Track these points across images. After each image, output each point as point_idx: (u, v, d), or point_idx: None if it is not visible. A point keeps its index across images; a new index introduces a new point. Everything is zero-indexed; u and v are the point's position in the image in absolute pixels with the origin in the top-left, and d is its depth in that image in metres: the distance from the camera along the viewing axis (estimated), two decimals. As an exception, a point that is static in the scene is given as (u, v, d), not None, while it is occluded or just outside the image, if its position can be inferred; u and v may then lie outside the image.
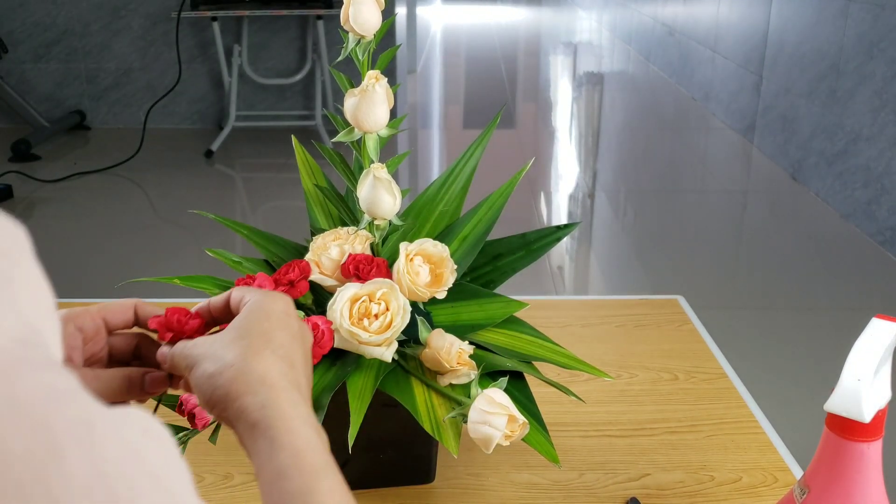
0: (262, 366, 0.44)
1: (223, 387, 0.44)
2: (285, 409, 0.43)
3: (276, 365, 0.45)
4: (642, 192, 3.93)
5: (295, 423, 0.42)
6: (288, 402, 0.43)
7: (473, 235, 0.79)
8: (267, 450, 0.41)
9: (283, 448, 0.41)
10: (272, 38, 4.50)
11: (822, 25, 3.66)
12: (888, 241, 3.06)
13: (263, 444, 0.42)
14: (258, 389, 0.43)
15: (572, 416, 0.89)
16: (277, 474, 0.41)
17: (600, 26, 9.20)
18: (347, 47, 0.72)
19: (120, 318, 0.52)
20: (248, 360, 0.44)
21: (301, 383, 0.46)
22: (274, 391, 0.43)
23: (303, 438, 0.42)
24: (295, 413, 0.43)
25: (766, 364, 2.28)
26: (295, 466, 0.40)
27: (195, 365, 0.46)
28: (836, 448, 0.53)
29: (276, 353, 0.46)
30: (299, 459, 0.41)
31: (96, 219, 3.35)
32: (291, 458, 0.41)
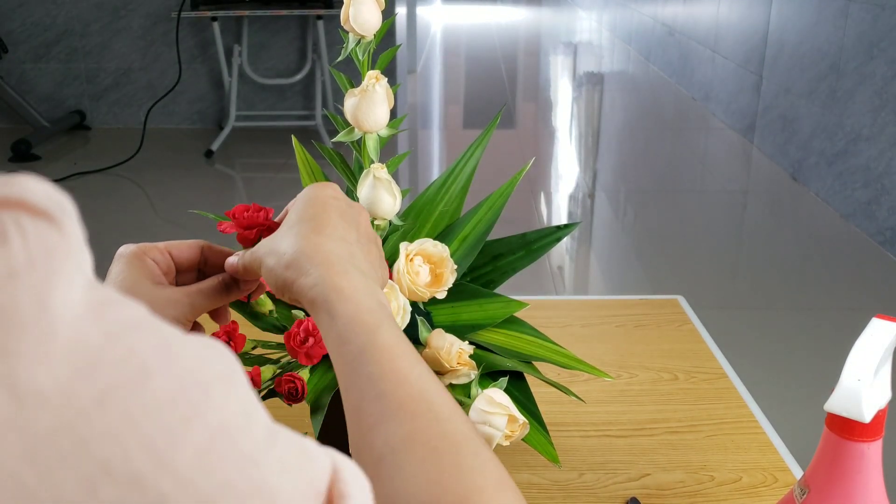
0: (311, 247, 0.48)
1: (282, 275, 0.48)
2: (336, 281, 0.45)
3: (326, 244, 0.48)
4: (642, 192, 3.93)
5: (346, 292, 0.45)
6: (339, 275, 0.46)
7: (473, 235, 0.79)
8: (327, 322, 0.45)
9: (339, 317, 0.44)
10: (272, 38, 4.50)
11: (822, 25, 3.66)
12: (888, 241, 3.06)
13: (324, 318, 0.45)
14: (310, 270, 0.47)
15: (572, 416, 0.89)
16: (339, 341, 0.44)
17: (600, 26, 9.20)
18: (347, 47, 0.72)
19: (188, 255, 0.56)
20: (298, 245, 0.48)
21: (355, 254, 0.49)
22: (324, 267, 0.46)
23: (354, 304, 0.44)
24: (347, 284, 0.46)
25: (766, 364, 2.28)
26: (351, 331, 0.43)
27: (261, 264, 0.50)
28: (836, 448, 0.53)
29: (324, 233, 0.49)
30: (354, 324, 0.44)
31: (96, 219, 3.35)
32: (347, 324, 0.44)
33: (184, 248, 0.56)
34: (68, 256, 0.24)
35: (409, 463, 0.39)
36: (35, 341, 0.22)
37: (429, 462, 0.39)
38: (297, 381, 0.66)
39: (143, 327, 0.25)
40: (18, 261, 0.22)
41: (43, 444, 0.21)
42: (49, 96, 4.59)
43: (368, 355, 0.42)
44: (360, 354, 0.43)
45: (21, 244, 0.22)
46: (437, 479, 0.38)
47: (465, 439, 0.40)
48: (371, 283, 0.47)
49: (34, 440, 0.21)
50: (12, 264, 0.22)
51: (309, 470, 0.28)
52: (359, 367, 0.42)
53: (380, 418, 0.41)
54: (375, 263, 0.51)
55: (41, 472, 0.21)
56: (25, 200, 0.23)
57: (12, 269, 0.22)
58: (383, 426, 0.40)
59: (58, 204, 0.24)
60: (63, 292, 0.23)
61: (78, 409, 0.22)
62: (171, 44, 4.43)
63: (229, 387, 0.26)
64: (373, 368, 0.42)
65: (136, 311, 0.25)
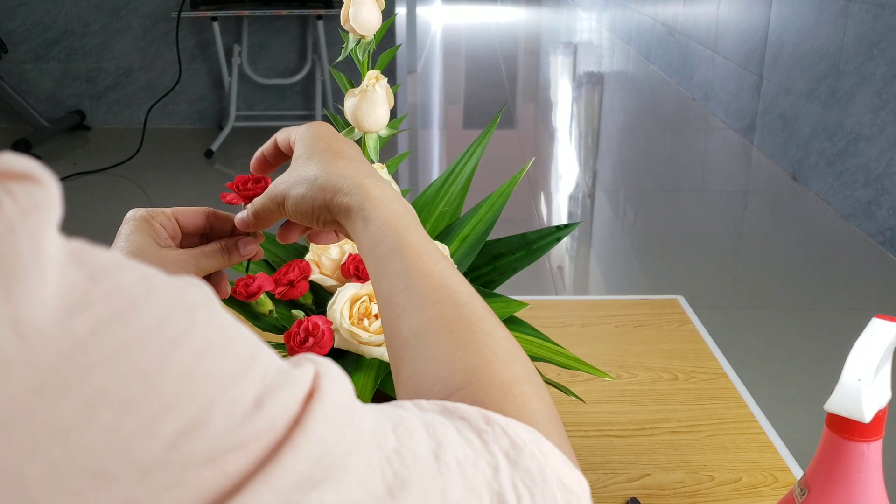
0: (339, 168, 0.51)
1: (318, 197, 0.51)
2: (369, 191, 0.50)
3: (350, 165, 0.52)
4: (642, 192, 3.93)
5: (378, 200, 0.49)
6: (370, 186, 0.50)
7: (473, 235, 0.79)
8: (361, 227, 0.49)
9: (372, 221, 0.48)
10: (272, 38, 4.50)
11: (822, 25, 3.66)
12: (888, 241, 3.06)
13: (359, 223, 0.49)
14: (343, 185, 0.50)
15: (572, 416, 0.89)
16: (372, 243, 0.48)
17: (600, 26, 9.20)
18: (347, 47, 0.72)
19: (193, 221, 0.59)
20: (326, 167, 0.52)
21: (373, 170, 0.53)
22: (356, 180, 0.50)
23: (386, 210, 0.48)
24: (379, 192, 0.50)
25: (766, 364, 2.28)
26: (382, 233, 0.47)
27: (286, 197, 0.54)
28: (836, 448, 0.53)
29: (344, 158, 0.52)
30: (385, 227, 0.48)
31: (96, 219, 3.35)
32: (379, 227, 0.48)
33: (190, 213, 0.59)
34: (52, 209, 0.26)
35: (429, 345, 0.42)
36: (34, 284, 0.24)
37: (446, 342, 0.42)
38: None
39: (123, 266, 0.27)
40: (13, 216, 0.24)
41: (49, 376, 0.23)
42: (49, 96, 4.59)
43: (397, 253, 0.46)
44: (390, 253, 0.46)
45: (12, 203, 0.24)
46: (451, 357, 0.41)
47: (479, 320, 0.43)
48: (389, 191, 0.51)
49: (41, 373, 0.23)
50: (8, 219, 0.24)
51: (290, 381, 0.29)
52: (389, 265, 0.46)
53: (407, 307, 0.45)
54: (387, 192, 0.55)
55: (48, 402, 0.23)
56: (8, 169, 0.25)
57: (9, 224, 0.24)
58: (409, 314, 0.44)
59: (34, 166, 0.26)
60: (51, 240, 0.25)
61: (75, 341, 0.24)
62: (171, 44, 4.43)
63: (211, 311, 0.28)
64: (401, 265, 0.46)
65: (112, 254, 0.27)
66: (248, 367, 0.28)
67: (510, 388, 0.40)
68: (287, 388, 0.29)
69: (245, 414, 0.27)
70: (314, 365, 0.31)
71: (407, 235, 0.47)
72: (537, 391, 0.41)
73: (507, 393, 0.40)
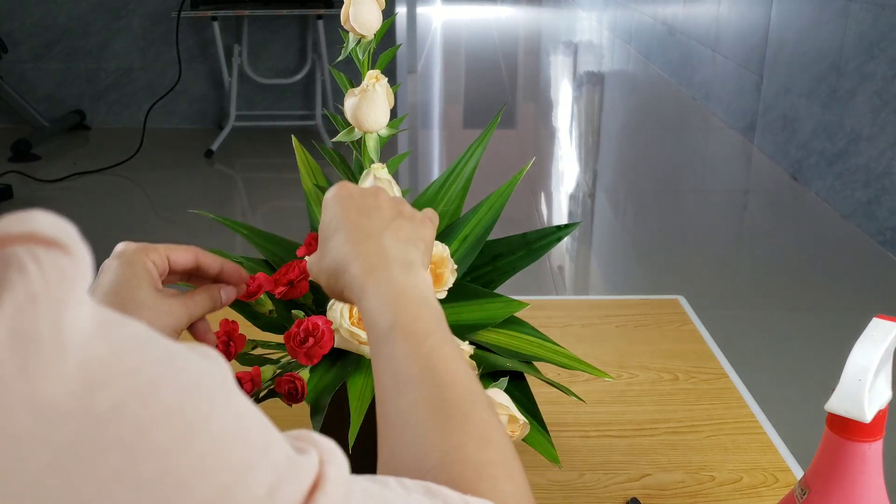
0: (343, 258, 0.52)
1: (335, 287, 0.53)
2: (362, 282, 0.51)
3: (353, 251, 0.52)
4: (642, 192, 3.92)
5: (368, 291, 0.50)
6: (364, 275, 0.51)
7: (473, 235, 0.79)
8: (362, 312, 0.51)
9: (365, 310, 0.50)
10: (272, 38, 4.50)
11: (822, 25, 3.66)
12: (888, 241, 3.06)
13: (360, 309, 0.51)
14: (345, 278, 0.52)
15: (572, 416, 0.89)
16: (368, 326, 0.50)
17: (600, 26, 9.20)
18: (347, 47, 0.71)
19: (182, 261, 0.60)
20: (334, 260, 0.53)
21: (383, 245, 0.52)
22: (354, 272, 0.51)
23: (377, 299, 0.50)
24: (370, 282, 0.50)
25: (766, 364, 2.28)
26: (373, 320, 0.49)
27: (321, 283, 0.56)
28: (837, 448, 0.53)
29: (350, 242, 0.52)
30: (375, 315, 0.49)
31: (96, 219, 3.35)
32: (370, 315, 0.49)
33: (181, 252, 0.60)
34: (78, 279, 0.26)
35: (409, 426, 0.44)
36: (52, 361, 0.24)
37: (424, 424, 0.44)
38: (297, 381, 0.66)
39: (147, 343, 0.27)
40: (36, 287, 0.24)
41: (65, 454, 0.23)
42: (49, 96, 4.59)
43: (386, 338, 0.48)
44: (380, 338, 0.48)
45: (37, 271, 0.24)
46: (427, 437, 0.43)
47: (458, 403, 0.45)
48: (394, 270, 0.51)
49: (57, 451, 0.23)
50: (31, 290, 0.24)
51: (299, 471, 0.31)
52: (380, 349, 0.48)
53: (391, 390, 0.46)
54: (405, 235, 0.54)
55: (63, 480, 0.23)
56: (36, 233, 0.25)
57: (32, 294, 0.24)
58: (393, 397, 0.46)
59: (65, 232, 0.26)
60: (74, 313, 0.25)
61: (94, 420, 0.24)
62: (171, 44, 4.43)
63: (228, 393, 0.29)
64: (389, 349, 0.47)
65: (139, 328, 0.27)
66: (262, 456, 0.29)
67: (483, 469, 0.42)
68: (296, 480, 0.30)
69: (259, 503, 0.28)
70: (317, 451, 0.33)
71: (400, 317, 0.48)
72: (509, 473, 0.43)
73: (480, 474, 0.41)
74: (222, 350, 0.68)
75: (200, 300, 0.60)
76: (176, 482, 0.25)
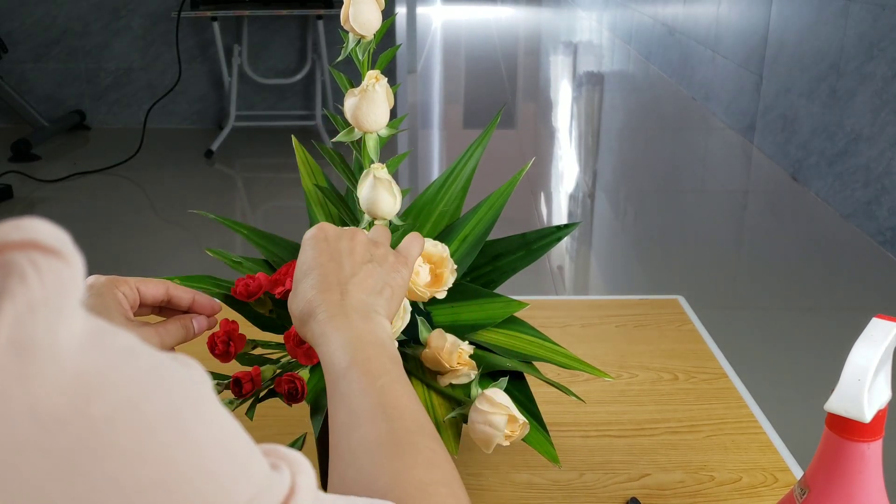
0: (307, 306, 0.54)
1: (301, 333, 0.55)
2: (322, 331, 0.53)
3: (318, 298, 0.54)
4: (642, 192, 3.92)
5: (322, 340, 0.52)
6: (323, 324, 0.53)
7: (473, 235, 0.79)
8: (321, 361, 0.53)
9: (321, 356, 0.52)
10: (272, 38, 4.50)
11: (822, 25, 3.66)
12: (888, 241, 3.06)
13: (321, 358, 0.53)
14: (308, 325, 0.54)
15: (572, 416, 0.89)
16: (325, 372, 0.52)
17: (600, 26, 9.20)
18: (347, 47, 0.71)
19: (153, 293, 0.62)
20: (300, 307, 0.55)
21: (347, 293, 0.55)
22: (315, 321, 0.53)
23: (331, 349, 0.52)
24: (330, 331, 0.52)
25: (766, 364, 2.28)
26: (328, 366, 0.51)
27: None
28: (837, 448, 0.53)
29: (316, 288, 0.55)
30: (329, 363, 0.51)
31: (96, 219, 3.35)
32: (325, 363, 0.52)
33: (151, 285, 0.62)
34: (74, 288, 0.26)
35: (359, 456, 0.47)
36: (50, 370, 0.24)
37: (374, 452, 0.46)
38: (297, 381, 0.66)
39: (137, 352, 0.28)
40: (36, 295, 0.25)
41: (65, 461, 0.24)
42: (49, 96, 4.59)
43: (341, 379, 0.50)
44: (335, 380, 0.51)
45: (37, 280, 0.25)
46: (376, 464, 0.46)
47: (407, 433, 0.47)
48: (354, 319, 0.53)
49: (57, 458, 0.24)
50: (31, 298, 0.24)
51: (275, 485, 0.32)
52: (335, 388, 0.51)
53: (347, 426, 0.49)
54: (371, 284, 0.56)
55: (64, 487, 0.24)
56: (37, 241, 0.26)
57: (32, 304, 0.24)
58: (348, 432, 0.48)
59: (62, 240, 0.27)
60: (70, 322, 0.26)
61: (91, 428, 0.25)
62: (171, 44, 4.43)
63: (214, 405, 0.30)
64: (345, 387, 0.50)
65: (129, 338, 0.28)
66: (244, 469, 0.30)
67: (428, 488, 0.44)
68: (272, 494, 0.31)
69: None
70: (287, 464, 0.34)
71: (357, 357, 0.51)
72: (453, 492, 0.45)
73: (426, 492, 0.44)
74: (222, 350, 0.68)
75: (173, 329, 0.62)
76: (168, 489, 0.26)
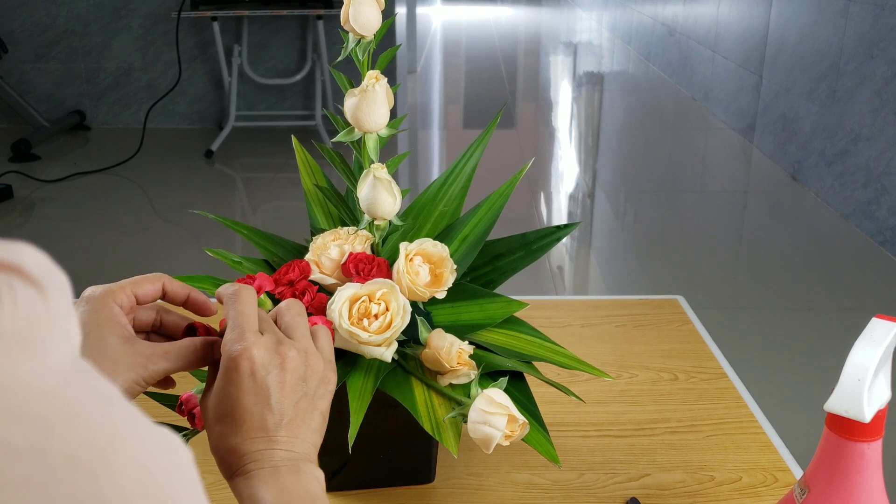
0: (226, 451, 0.52)
1: (213, 449, 0.53)
2: (240, 491, 0.51)
3: (230, 442, 0.51)
4: (642, 192, 3.92)
5: (245, 484, 0.50)
6: (240, 487, 0.51)
7: (473, 235, 0.79)
8: None
9: (248, 501, 0.50)
10: (272, 38, 4.50)
11: (822, 25, 3.66)
12: (888, 241, 3.06)
13: None
14: (221, 454, 0.52)
15: (572, 416, 0.89)
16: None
17: (600, 26, 9.20)
18: (347, 47, 0.71)
19: (149, 291, 0.57)
20: (219, 446, 0.52)
21: (275, 440, 0.51)
22: (233, 477, 0.51)
23: (250, 493, 0.50)
24: (244, 487, 0.50)
25: (766, 364, 2.28)
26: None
27: (204, 407, 0.55)
28: (836, 448, 0.53)
29: (238, 435, 0.51)
30: None
31: (96, 219, 3.35)
32: None
33: (147, 284, 0.57)
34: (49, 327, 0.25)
35: None
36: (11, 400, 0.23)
37: None
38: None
39: (116, 402, 0.26)
40: (4, 324, 0.24)
41: (17, 496, 0.22)
42: (49, 96, 4.59)
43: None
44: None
45: (11, 309, 0.24)
46: None
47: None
48: (283, 473, 0.51)
49: (9, 492, 0.22)
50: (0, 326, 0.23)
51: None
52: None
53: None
54: (302, 425, 0.53)
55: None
56: (21, 266, 0.25)
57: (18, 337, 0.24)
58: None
59: (49, 275, 0.26)
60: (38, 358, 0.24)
61: (49, 465, 0.23)
62: (171, 44, 4.43)
63: (194, 490, 0.28)
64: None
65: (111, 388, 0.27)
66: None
67: None
68: None
69: None
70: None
71: None
72: None
73: None
74: None
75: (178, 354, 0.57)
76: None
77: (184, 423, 0.64)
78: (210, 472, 0.81)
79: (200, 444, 0.72)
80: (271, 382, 0.52)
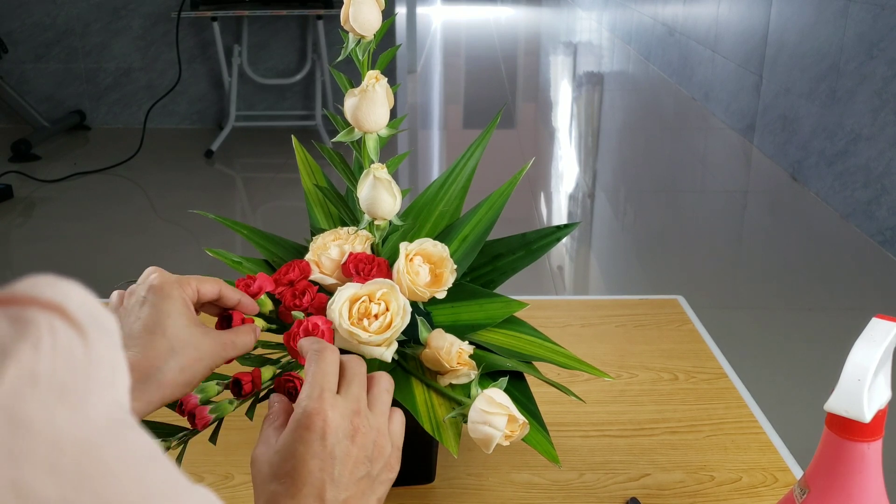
0: (263, 492, 0.48)
1: None
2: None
3: (281, 496, 0.48)
4: (642, 192, 3.92)
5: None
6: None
7: (473, 235, 0.79)
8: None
9: None
10: (272, 38, 4.50)
11: (822, 25, 3.66)
12: (888, 241, 3.06)
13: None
14: None
15: (572, 416, 0.89)
16: None
17: (600, 26, 9.20)
18: (347, 47, 0.71)
19: (209, 291, 0.60)
20: (262, 484, 0.49)
21: None
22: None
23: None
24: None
25: (766, 364, 2.28)
26: None
27: (253, 459, 0.52)
28: (836, 448, 0.53)
29: (286, 483, 0.48)
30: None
31: (96, 219, 3.35)
32: None
33: (208, 285, 0.61)
34: (90, 373, 0.24)
35: None
36: (42, 451, 0.22)
37: None
38: (297, 381, 0.66)
39: (155, 460, 0.26)
40: (42, 368, 0.23)
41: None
42: (49, 96, 4.59)
43: None
44: None
45: (50, 351, 0.23)
46: None
47: None
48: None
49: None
50: (36, 369, 0.23)
51: None
52: None
53: None
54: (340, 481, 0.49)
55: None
56: (65, 307, 0.24)
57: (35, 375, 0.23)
58: None
59: (94, 316, 0.25)
60: (77, 410, 0.24)
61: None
62: (171, 44, 4.43)
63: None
64: None
65: (151, 444, 0.26)
66: None
67: None
68: None
69: None
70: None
71: None
72: None
73: None
74: None
75: (242, 339, 0.60)
76: None
77: (184, 423, 0.64)
78: (210, 472, 0.81)
79: (201, 444, 0.72)
80: (338, 452, 0.49)
